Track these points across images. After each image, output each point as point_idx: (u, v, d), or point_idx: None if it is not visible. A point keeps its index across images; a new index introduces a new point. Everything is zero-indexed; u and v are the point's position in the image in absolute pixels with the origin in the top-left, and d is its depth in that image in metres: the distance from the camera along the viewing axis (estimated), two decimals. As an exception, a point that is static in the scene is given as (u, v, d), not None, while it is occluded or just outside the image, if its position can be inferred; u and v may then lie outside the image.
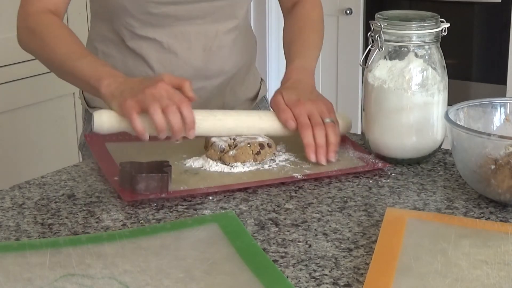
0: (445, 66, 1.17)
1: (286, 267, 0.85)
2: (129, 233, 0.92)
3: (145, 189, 1.03)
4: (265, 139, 1.17)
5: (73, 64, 1.21)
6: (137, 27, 1.35)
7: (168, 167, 1.06)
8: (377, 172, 1.14)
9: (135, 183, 1.03)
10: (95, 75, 1.18)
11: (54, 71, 1.30)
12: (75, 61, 1.21)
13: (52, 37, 1.26)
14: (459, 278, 0.79)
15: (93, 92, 1.20)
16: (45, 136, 2.46)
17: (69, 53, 1.23)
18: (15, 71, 2.30)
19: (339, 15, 3.21)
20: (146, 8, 1.32)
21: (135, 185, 1.03)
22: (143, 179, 1.03)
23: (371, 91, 1.17)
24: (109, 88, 1.14)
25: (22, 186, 1.11)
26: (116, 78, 1.16)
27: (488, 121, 1.13)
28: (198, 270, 0.82)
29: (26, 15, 1.30)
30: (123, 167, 1.06)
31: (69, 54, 1.23)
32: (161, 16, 1.33)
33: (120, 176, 1.06)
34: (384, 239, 0.88)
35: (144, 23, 1.34)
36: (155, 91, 1.10)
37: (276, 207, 1.02)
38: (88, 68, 1.20)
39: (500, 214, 0.99)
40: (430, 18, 1.15)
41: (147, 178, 1.03)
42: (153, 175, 1.04)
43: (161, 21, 1.34)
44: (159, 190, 1.04)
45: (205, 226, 0.94)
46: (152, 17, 1.33)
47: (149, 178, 1.03)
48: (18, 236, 0.94)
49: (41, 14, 1.29)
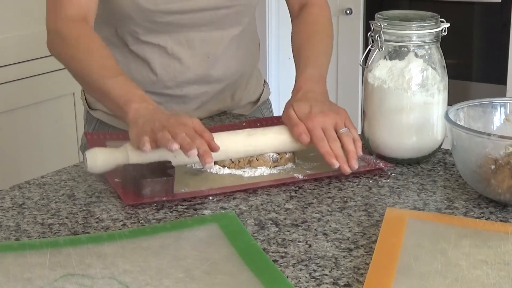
0: (445, 66, 1.17)
1: (286, 267, 0.85)
2: (129, 233, 0.92)
3: (151, 193, 1.02)
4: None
5: (104, 82, 1.16)
6: (141, 33, 1.34)
7: (171, 169, 1.06)
8: (377, 172, 1.14)
9: (141, 188, 1.02)
10: (126, 97, 1.13)
11: (83, 85, 1.27)
12: (106, 80, 1.16)
13: (85, 51, 1.22)
14: (459, 278, 0.79)
15: (120, 114, 1.14)
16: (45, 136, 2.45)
17: (100, 71, 1.18)
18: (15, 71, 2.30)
19: (339, 15, 3.21)
20: (151, 17, 1.31)
21: (141, 190, 1.02)
22: (149, 184, 1.02)
23: (371, 91, 1.17)
24: (137, 113, 1.09)
25: (22, 186, 1.11)
26: (147, 104, 1.11)
27: (488, 121, 1.13)
28: (198, 270, 0.82)
29: (56, 20, 1.25)
30: (126, 169, 1.05)
31: (100, 71, 1.18)
32: (166, 24, 1.32)
33: (124, 179, 1.05)
34: (384, 239, 0.88)
35: (149, 30, 1.33)
36: (176, 131, 1.04)
37: (276, 207, 1.02)
38: (119, 88, 1.15)
39: (500, 214, 0.99)
40: (430, 18, 1.15)
41: (153, 182, 1.02)
42: (158, 179, 1.02)
43: (166, 29, 1.33)
44: (164, 193, 1.03)
45: (205, 226, 0.94)
46: (156, 25, 1.32)
47: (154, 183, 1.02)
48: (18, 236, 0.94)
49: (74, 21, 1.24)
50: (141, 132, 1.06)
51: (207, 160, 1.02)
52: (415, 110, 1.14)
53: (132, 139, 1.08)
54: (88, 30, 1.24)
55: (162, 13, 1.30)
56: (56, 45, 1.25)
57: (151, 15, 1.30)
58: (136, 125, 1.08)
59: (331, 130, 1.14)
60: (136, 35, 1.34)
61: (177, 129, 1.04)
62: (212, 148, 1.04)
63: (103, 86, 1.16)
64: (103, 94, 1.17)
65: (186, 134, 1.04)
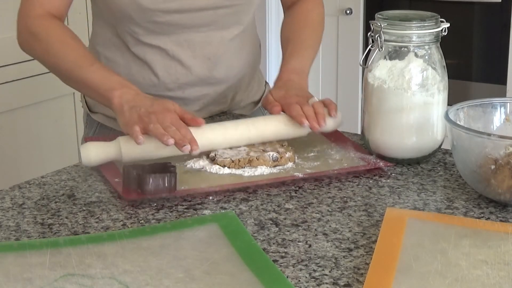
0: (445, 66, 1.17)
1: (286, 267, 0.85)
2: (129, 233, 0.92)
3: (155, 189, 1.03)
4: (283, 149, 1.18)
5: (81, 72, 1.20)
6: (141, 34, 1.33)
7: (173, 167, 1.06)
8: (377, 172, 1.14)
9: (145, 183, 1.02)
10: (106, 84, 1.17)
11: (61, 78, 1.29)
12: (83, 69, 1.20)
13: (58, 44, 1.25)
14: (459, 278, 0.79)
15: (103, 101, 1.19)
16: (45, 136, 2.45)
17: (77, 61, 1.22)
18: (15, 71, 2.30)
19: (339, 15, 3.21)
20: (151, 17, 1.30)
21: (145, 186, 1.02)
22: (153, 179, 1.03)
23: (371, 91, 1.17)
24: (120, 99, 1.14)
25: (22, 186, 1.11)
26: (129, 89, 1.16)
27: (488, 121, 1.13)
28: (198, 270, 0.82)
29: (27, 18, 1.29)
30: (128, 169, 1.05)
31: (76, 62, 1.22)
32: (166, 24, 1.32)
33: (125, 178, 1.05)
34: (384, 239, 0.88)
35: (149, 31, 1.33)
36: (163, 119, 1.10)
37: (276, 207, 1.02)
38: (98, 77, 1.19)
39: (500, 214, 0.99)
40: (430, 18, 1.15)
41: (156, 177, 1.03)
42: (162, 174, 1.03)
43: (166, 29, 1.33)
44: (167, 190, 1.03)
45: (205, 226, 0.94)
46: (156, 25, 1.32)
47: (158, 178, 1.03)
48: (18, 236, 0.94)
49: (44, 18, 1.28)
50: (129, 120, 1.11)
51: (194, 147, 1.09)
52: (415, 110, 1.14)
53: (122, 127, 1.13)
54: (59, 25, 1.28)
55: (161, 12, 1.30)
56: (28, 43, 1.29)
57: (150, 14, 1.30)
58: (122, 113, 1.13)
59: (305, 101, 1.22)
60: (136, 35, 1.34)
61: (165, 118, 1.10)
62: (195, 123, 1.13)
63: (82, 76, 1.21)
64: (83, 84, 1.22)
65: (172, 123, 1.10)
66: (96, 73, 1.19)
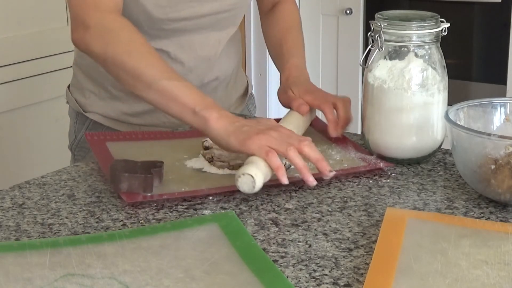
0: (445, 66, 1.17)
1: (286, 267, 0.85)
2: (129, 233, 0.92)
3: (128, 188, 1.03)
4: None
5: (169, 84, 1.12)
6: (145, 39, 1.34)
7: (158, 168, 1.06)
8: (377, 172, 1.14)
9: (118, 181, 1.03)
10: (202, 103, 1.10)
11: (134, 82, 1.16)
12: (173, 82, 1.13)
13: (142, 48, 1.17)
14: (459, 278, 0.79)
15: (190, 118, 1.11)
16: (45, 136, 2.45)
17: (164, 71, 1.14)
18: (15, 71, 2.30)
19: (339, 15, 3.21)
20: (159, 25, 1.32)
21: (118, 184, 1.03)
22: (126, 179, 1.03)
23: (371, 91, 1.17)
24: (218, 122, 1.08)
25: (22, 186, 1.11)
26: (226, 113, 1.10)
27: (488, 121, 1.13)
28: (198, 270, 0.82)
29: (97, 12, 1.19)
30: (114, 164, 1.06)
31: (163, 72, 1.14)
32: (171, 30, 1.34)
33: (110, 174, 1.06)
34: (384, 239, 0.88)
35: (153, 36, 1.33)
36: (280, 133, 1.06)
37: (276, 207, 1.02)
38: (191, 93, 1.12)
39: (500, 214, 0.99)
40: (430, 18, 1.15)
41: (130, 177, 1.03)
42: (136, 175, 1.03)
43: (169, 34, 1.35)
44: (142, 190, 1.03)
45: (205, 226, 0.94)
46: (161, 31, 1.34)
47: (132, 178, 1.03)
48: (18, 236, 0.94)
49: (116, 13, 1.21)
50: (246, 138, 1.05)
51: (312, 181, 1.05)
52: (415, 110, 1.14)
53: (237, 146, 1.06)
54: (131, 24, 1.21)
55: (170, 21, 1.32)
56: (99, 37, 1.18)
57: (159, 23, 1.32)
58: (230, 133, 1.06)
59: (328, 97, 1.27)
60: None
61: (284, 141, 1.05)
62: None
63: (169, 88, 1.12)
64: (169, 97, 1.12)
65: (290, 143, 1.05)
66: (187, 89, 1.13)
